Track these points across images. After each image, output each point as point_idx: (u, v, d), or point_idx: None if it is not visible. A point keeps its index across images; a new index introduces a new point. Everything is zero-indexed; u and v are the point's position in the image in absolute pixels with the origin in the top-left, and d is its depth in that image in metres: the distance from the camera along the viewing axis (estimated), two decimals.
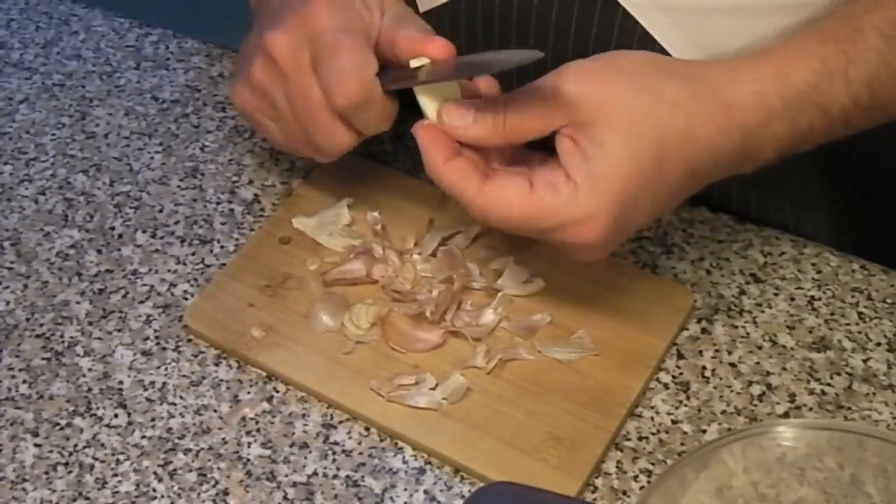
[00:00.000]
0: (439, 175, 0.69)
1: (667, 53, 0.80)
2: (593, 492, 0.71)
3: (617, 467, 0.72)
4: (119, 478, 0.73)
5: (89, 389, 0.77)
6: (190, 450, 0.74)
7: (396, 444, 0.74)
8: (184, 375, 0.78)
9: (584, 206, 0.66)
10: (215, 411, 0.76)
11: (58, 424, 0.76)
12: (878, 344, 0.77)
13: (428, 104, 0.71)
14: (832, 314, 0.79)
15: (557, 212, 0.67)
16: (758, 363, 0.77)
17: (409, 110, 0.95)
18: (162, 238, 0.86)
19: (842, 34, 0.70)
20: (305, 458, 0.73)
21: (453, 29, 0.87)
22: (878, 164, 0.83)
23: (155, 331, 0.80)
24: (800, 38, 0.71)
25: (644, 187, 0.67)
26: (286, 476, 0.73)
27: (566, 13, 0.82)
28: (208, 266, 0.84)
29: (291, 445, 0.74)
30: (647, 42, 0.80)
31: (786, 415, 0.74)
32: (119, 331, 0.80)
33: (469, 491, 0.71)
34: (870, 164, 0.75)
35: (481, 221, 0.70)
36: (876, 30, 0.70)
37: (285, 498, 0.72)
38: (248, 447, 0.74)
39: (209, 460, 0.73)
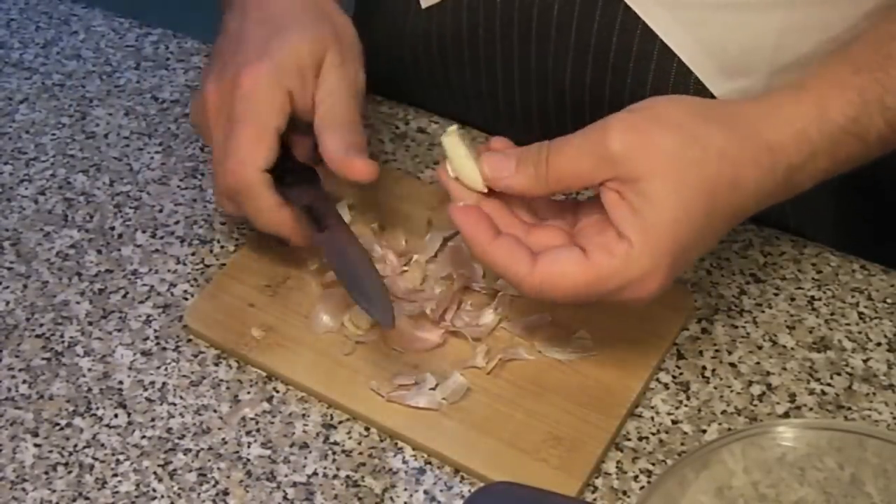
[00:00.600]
0: (486, 255, 0.68)
1: (669, 49, 0.80)
2: (593, 492, 0.71)
3: (617, 467, 0.72)
4: (119, 478, 0.73)
5: (89, 389, 0.77)
6: (190, 450, 0.74)
7: (396, 444, 0.74)
8: (184, 375, 0.78)
9: (642, 266, 0.65)
10: (215, 411, 0.76)
11: (58, 424, 0.76)
12: (879, 344, 0.77)
13: (459, 166, 0.70)
14: (832, 314, 0.79)
15: (616, 275, 0.66)
16: (758, 363, 0.77)
17: (410, 108, 0.95)
18: (162, 238, 0.86)
19: (874, 63, 0.70)
20: (305, 458, 0.73)
21: (455, 25, 0.88)
22: (879, 164, 0.83)
23: (155, 331, 0.80)
24: (834, 69, 0.70)
25: (695, 238, 0.66)
26: (286, 476, 0.73)
27: (568, 9, 0.82)
28: (208, 266, 0.84)
29: (291, 445, 0.74)
30: (648, 37, 0.80)
31: (786, 415, 0.74)
32: (119, 331, 0.80)
33: (469, 491, 0.71)
34: (871, 164, 0.75)
35: (534, 297, 0.68)
36: None
37: (285, 498, 0.72)
38: (248, 447, 0.74)
39: (209, 460, 0.73)
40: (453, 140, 0.70)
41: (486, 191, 0.69)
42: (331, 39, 0.78)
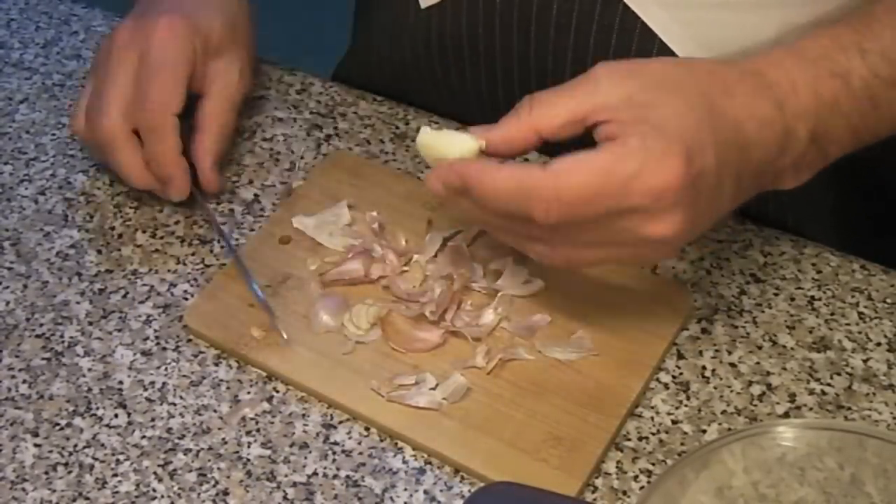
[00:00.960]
0: (498, 180, 0.67)
1: (668, 49, 0.80)
2: (593, 492, 0.71)
3: (617, 467, 0.72)
4: (119, 478, 0.73)
5: (89, 389, 0.77)
6: (190, 450, 0.74)
7: (396, 444, 0.74)
8: (184, 375, 0.78)
9: (656, 146, 0.64)
10: (215, 411, 0.76)
11: (58, 424, 0.76)
12: (878, 344, 0.77)
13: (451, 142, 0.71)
14: (832, 314, 0.79)
15: (633, 155, 0.64)
16: (758, 363, 0.77)
17: (410, 108, 0.95)
18: (162, 238, 0.86)
19: (852, 18, 0.72)
20: (305, 458, 0.73)
21: (454, 25, 0.88)
22: (879, 163, 0.83)
23: (155, 331, 0.80)
24: (809, 30, 0.72)
25: (705, 135, 0.66)
26: (286, 476, 0.73)
27: (567, 9, 0.82)
28: (208, 266, 0.84)
29: (291, 445, 0.74)
30: (648, 37, 0.80)
31: (786, 415, 0.74)
32: (119, 331, 0.80)
33: (469, 491, 0.71)
34: (871, 163, 0.75)
35: (554, 199, 0.65)
36: (887, 10, 0.71)
37: (285, 498, 0.72)
38: (248, 447, 0.74)
39: (209, 460, 0.73)
40: (428, 132, 0.72)
41: (479, 145, 0.69)
42: (241, 33, 0.88)
